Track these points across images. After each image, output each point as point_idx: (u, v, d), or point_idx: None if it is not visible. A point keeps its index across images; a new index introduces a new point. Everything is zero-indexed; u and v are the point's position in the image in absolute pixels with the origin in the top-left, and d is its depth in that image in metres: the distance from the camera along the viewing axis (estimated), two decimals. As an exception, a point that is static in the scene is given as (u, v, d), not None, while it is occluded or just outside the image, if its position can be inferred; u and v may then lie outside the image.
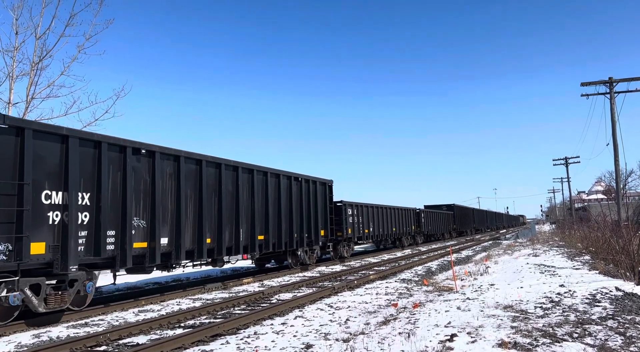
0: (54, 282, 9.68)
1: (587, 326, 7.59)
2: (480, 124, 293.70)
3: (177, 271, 14.82)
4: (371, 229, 28.77)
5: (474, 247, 35.23)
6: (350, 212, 25.46)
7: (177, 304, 12.24)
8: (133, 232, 10.99)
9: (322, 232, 21.40)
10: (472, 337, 7.17)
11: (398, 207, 34.05)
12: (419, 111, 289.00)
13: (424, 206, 49.92)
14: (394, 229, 32.69)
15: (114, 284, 11.96)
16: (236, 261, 15.62)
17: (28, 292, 9.05)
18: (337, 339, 7.51)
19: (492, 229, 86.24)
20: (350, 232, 25.28)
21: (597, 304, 9.49)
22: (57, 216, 9.36)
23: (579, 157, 55.09)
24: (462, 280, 14.81)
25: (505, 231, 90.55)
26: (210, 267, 17.21)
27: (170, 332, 8.70)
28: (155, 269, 12.17)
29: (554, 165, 56.22)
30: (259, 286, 15.48)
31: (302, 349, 7.06)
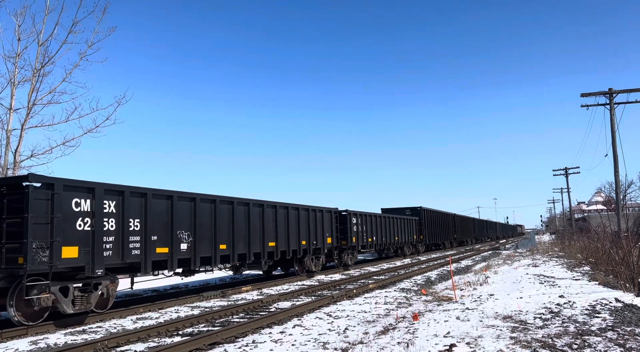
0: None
1: (586, 337, 7.56)
2: (480, 134, 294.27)
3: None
4: (184, 246, 13.05)
5: (474, 257, 35.13)
6: (85, 207, 10.51)
7: (176, 312, 12.20)
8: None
9: None
10: (471, 347, 7.15)
11: (285, 205, 18.60)
12: (419, 122, 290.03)
13: (382, 209, 38.59)
14: (271, 244, 17.21)
15: None
16: None
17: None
18: (335, 349, 7.48)
19: (483, 241, 72.19)
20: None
21: (597, 315, 9.46)
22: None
23: (578, 167, 55.20)
24: (461, 290, 14.77)
25: (505, 241, 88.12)
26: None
27: (168, 340, 8.67)
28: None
29: (554, 175, 56.23)
30: (257, 294, 15.43)
31: (300, 358, 7.02)
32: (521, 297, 12.30)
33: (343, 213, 24.58)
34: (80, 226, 10.40)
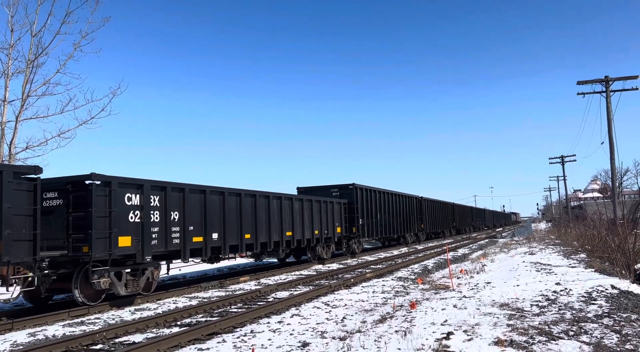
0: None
1: (583, 324, 7.61)
2: (477, 123, 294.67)
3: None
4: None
5: (471, 245, 35.23)
6: None
7: (174, 303, 12.22)
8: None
9: None
10: (468, 335, 7.19)
11: None
12: (417, 115, 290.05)
13: (297, 188, 26.02)
14: None
15: None
16: None
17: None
18: (333, 338, 7.51)
19: (466, 232, 59.29)
20: None
21: (593, 302, 9.52)
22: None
23: (575, 155, 55.24)
24: (458, 278, 14.84)
25: (501, 229, 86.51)
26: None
27: (166, 331, 8.69)
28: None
29: (550, 163, 55.93)
30: (255, 285, 15.46)
31: (298, 347, 7.06)
32: (518, 285, 12.36)
33: (87, 182, 10.90)
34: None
